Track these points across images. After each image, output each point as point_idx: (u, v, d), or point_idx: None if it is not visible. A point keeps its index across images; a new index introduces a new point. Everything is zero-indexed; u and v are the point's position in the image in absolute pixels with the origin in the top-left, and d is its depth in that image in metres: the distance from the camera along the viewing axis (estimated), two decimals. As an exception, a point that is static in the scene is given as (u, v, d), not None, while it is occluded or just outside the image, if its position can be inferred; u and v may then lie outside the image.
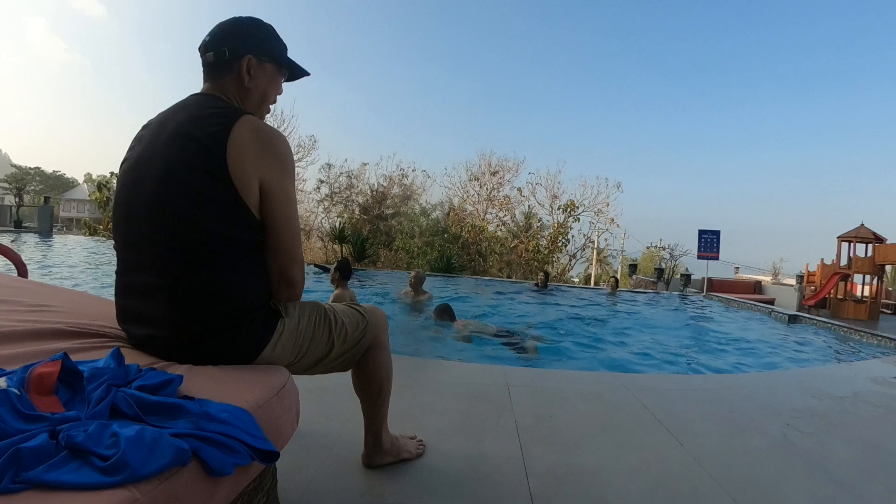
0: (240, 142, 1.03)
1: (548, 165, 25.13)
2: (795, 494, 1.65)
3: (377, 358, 1.44)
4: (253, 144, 1.05)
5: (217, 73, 1.18)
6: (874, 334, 6.07)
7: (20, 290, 1.57)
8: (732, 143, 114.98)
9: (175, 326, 1.06)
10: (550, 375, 3.18)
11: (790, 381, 3.28)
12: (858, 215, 54.61)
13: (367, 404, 1.50)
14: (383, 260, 15.30)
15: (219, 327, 1.07)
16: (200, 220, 1.03)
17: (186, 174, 1.03)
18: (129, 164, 1.12)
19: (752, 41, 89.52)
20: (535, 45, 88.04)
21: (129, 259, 1.11)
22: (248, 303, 1.11)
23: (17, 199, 16.29)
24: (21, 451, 0.65)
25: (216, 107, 1.10)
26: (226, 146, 1.02)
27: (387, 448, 1.56)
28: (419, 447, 1.70)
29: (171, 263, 1.04)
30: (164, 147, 1.06)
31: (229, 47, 1.17)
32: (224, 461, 0.78)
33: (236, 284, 1.07)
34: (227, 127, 1.04)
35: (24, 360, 0.92)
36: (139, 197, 1.07)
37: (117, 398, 0.81)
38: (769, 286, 16.75)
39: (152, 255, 1.05)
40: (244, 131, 1.05)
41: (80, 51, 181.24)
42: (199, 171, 1.02)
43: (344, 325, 1.32)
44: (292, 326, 1.20)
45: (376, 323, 1.43)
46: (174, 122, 1.09)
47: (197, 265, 1.04)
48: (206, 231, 1.03)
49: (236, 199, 1.03)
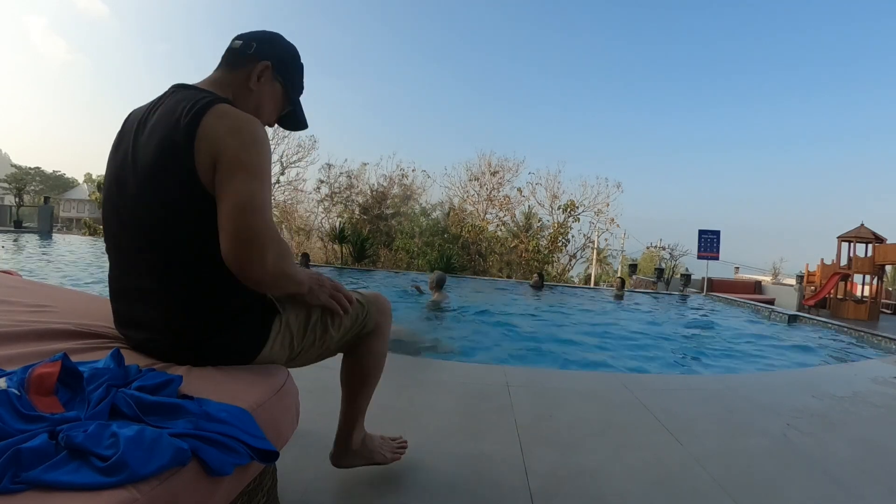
0: (205, 135, 0.97)
1: (548, 165, 25.08)
2: (795, 494, 1.65)
3: (371, 343, 1.36)
4: (220, 133, 0.98)
5: (234, 60, 1.18)
6: (874, 334, 6.07)
7: (20, 290, 1.56)
8: (732, 143, 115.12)
9: (171, 330, 1.05)
10: (550, 375, 3.18)
11: (790, 381, 3.28)
12: (858, 215, 54.66)
13: (347, 395, 1.41)
14: (383, 260, 15.30)
15: (215, 328, 1.06)
16: (181, 223, 1.01)
17: (162, 178, 1.00)
18: (114, 165, 1.10)
19: (753, 42, 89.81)
20: (535, 46, 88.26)
21: (121, 262, 1.10)
22: (241, 302, 1.09)
23: (17, 199, 16.27)
24: (21, 451, 0.65)
25: (196, 99, 1.03)
26: (194, 143, 0.97)
27: (356, 449, 1.45)
28: (397, 451, 1.57)
29: (160, 267, 1.03)
30: (143, 147, 1.03)
31: (258, 45, 1.18)
32: (223, 461, 0.78)
33: (227, 284, 1.04)
34: (196, 121, 0.98)
35: (23, 360, 0.92)
36: (123, 199, 1.06)
37: (117, 398, 0.81)
38: (769, 286, 16.73)
39: (141, 259, 1.04)
40: (211, 120, 0.99)
41: (81, 51, 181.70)
42: (171, 175, 0.99)
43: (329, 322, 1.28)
44: (289, 322, 1.18)
45: (378, 309, 1.37)
46: (153, 116, 1.05)
47: (185, 268, 1.03)
48: (188, 234, 1.01)
49: (205, 197, 0.98)
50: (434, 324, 5.63)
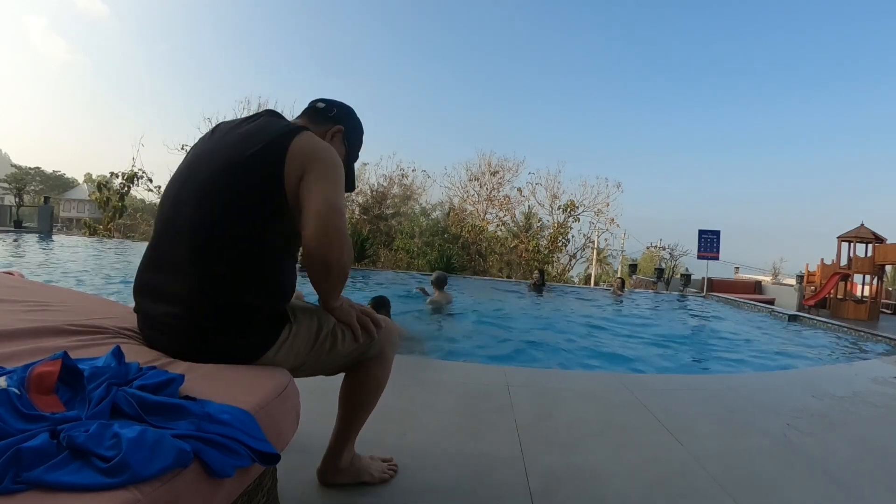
0: (299, 150, 1.15)
1: (548, 165, 25.10)
2: (795, 494, 1.66)
3: (373, 368, 1.39)
4: (311, 151, 1.17)
5: (315, 117, 1.39)
6: (874, 334, 6.07)
7: (20, 290, 1.57)
8: (733, 143, 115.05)
9: (191, 307, 1.10)
10: (550, 375, 3.18)
11: (790, 381, 3.28)
12: (858, 215, 54.68)
13: (343, 416, 1.44)
14: (383, 260, 15.29)
15: (231, 320, 1.12)
16: (243, 217, 1.12)
17: (243, 170, 1.13)
18: (193, 153, 1.25)
19: (753, 42, 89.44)
20: (535, 46, 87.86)
21: (167, 235, 1.18)
22: (263, 302, 1.16)
23: (17, 199, 16.22)
24: (22, 451, 0.64)
25: (292, 125, 1.25)
26: (286, 154, 1.14)
27: (343, 467, 1.47)
28: (387, 471, 1.56)
29: (206, 249, 1.11)
30: (230, 145, 1.18)
31: (337, 112, 1.42)
32: (225, 463, 0.77)
33: (257, 282, 1.14)
34: (291, 137, 1.17)
35: (23, 358, 0.92)
36: (193, 182, 1.17)
37: (118, 397, 0.81)
38: (769, 286, 16.74)
39: (191, 237, 1.12)
40: (304, 139, 1.19)
41: (81, 51, 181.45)
42: (255, 171, 1.13)
43: (350, 337, 1.31)
44: (298, 333, 1.22)
45: (386, 336, 1.39)
46: (246, 126, 1.23)
47: (227, 255, 1.12)
48: (245, 227, 1.12)
49: (282, 202, 1.13)
50: (434, 323, 5.63)
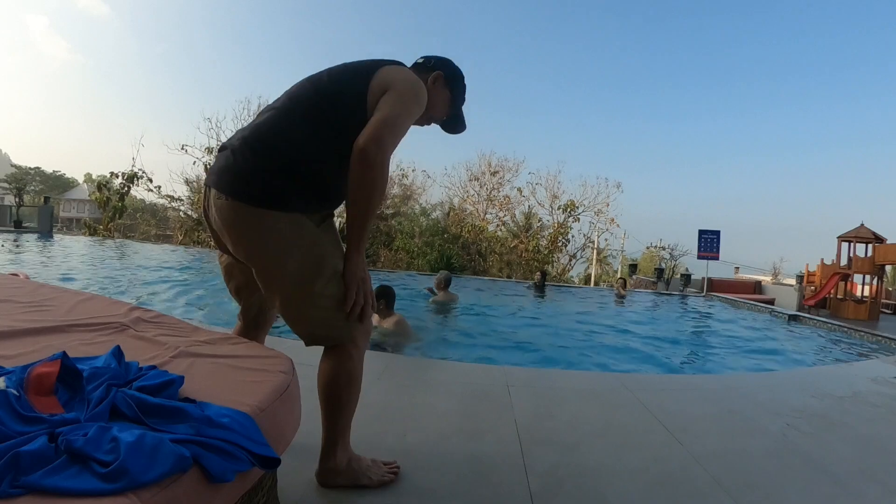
0: (385, 75, 1.35)
1: (548, 165, 25.13)
2: (795, 494, 1.65)
3: (335, 362, 1.35)
4: (395, 76, 1.35)
5: (418, 69, 1.53)
6: (874, 334, 6.07)
7: (20, 290, 1.57)
8: (732, 143, 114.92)
9: (248, 145, 1.29)
10: (550, 375, 3.18)
11: (790, 381, 3.28)
12: (858, 215, 54.64)
13: (323, 412, 1.40)
14: (383, 260, 15.29)
15: (280, 165, 1.28)
16: (332, 111, 1.31)
17: (339, 81, 1.36)
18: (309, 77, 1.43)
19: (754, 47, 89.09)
20: (536, 47, 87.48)
21: (267, 112, 1.37)
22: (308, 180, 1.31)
23: (17, 199, 16.20)
24: (20, 454, 0.64)
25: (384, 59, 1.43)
26: (373, 76, 1.34)
27: (339, 468, 1.43)
28: (387, 475, 1.51)
29: (288, 125, 1.31)
30: (331, 71, 1.41)
31: (436, 62, 1.57)
32: (225, 468, 0.77)
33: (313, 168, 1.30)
34: (380, 66, 1.37)
35: (23, 358, 0.91)
36: (297, 87, 1.40)
37: (117, 399, 0.80)
38: (769, 286, 16.72)
39: (288, 111, 1.33)
40: (393, 68, 1.39)
41: (82, 51, 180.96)
42: (351, 86, 1.34)
43: (333, 291, 1.30)
44: (310, 236, 1.31)
45: (363, 331, 1.37)
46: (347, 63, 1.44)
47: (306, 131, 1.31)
48: (329, 119, 1.31)
49: (361, 114, 1.29)
50: (436, 323, 5.63)
